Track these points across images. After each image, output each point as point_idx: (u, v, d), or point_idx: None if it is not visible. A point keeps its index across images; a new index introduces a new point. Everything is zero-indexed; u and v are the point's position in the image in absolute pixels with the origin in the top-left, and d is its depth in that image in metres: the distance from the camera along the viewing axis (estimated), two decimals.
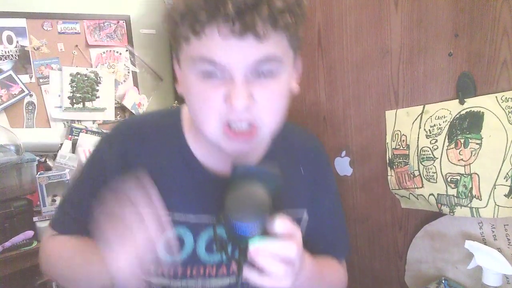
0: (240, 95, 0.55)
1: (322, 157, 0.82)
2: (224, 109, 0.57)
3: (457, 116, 0.94)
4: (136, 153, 0.70)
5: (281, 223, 0.55)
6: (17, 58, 1.83)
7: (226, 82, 0.56)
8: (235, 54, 0.54)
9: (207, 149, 0.69)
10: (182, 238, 0.69)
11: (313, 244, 0.75)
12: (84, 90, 2.00)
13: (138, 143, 0.71)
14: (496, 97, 0.88)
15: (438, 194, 1.00)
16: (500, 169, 0.88)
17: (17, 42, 1.83)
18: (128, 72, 2.16)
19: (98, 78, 2.04)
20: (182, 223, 0.68)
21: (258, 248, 0.53)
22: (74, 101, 1.98)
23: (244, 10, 0.51)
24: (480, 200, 0.91)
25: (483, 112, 0.90)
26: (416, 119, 1.04)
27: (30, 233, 1.46)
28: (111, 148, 0.72)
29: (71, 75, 1.97)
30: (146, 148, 0.71)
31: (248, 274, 0.55)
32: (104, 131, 1.97)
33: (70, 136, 1.92)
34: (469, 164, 0.92)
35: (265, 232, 0.55)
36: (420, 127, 1.02)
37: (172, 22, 0.58)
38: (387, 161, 1.14)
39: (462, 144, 0.93)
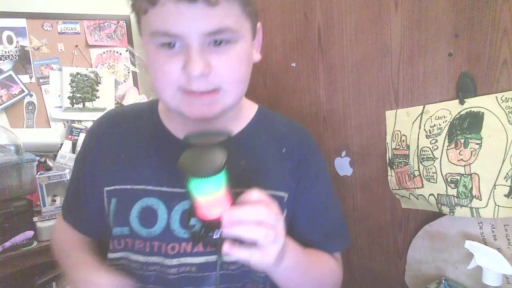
0: (196, 62, 0.56)
1: (309, 143, 0.81)
2: (181, 79, 0.59)
3: (457, 116, 0.94)
4: (112, 137, 0.75)
5: (253, 193, 0.54)
6: (17, 58, 1.83)
7: (182, 52, 0.58)
8: (187, 21, 0.55)
9: (180, 123, 0.71)
10: (156, 210, 0.69)
11: (302, 236, 0.75)
12: (84, 90, 2.00)
13: (115, 128, 0.76)
14: (496, 97, 0.88)
15: (438, 194, 1.00)
16: (500, 169, 0.88)
17: (17, 42, 1.83)
18: (128, 72, 2.16)
19: (98, 78, 2.04)
20: (155, 195, 0.69)
21: (229, 213, 0.51)
22: (74, 101, 1.98)
23: None
24: (480, 200, 0.91)
25: (483, 112, 0.90)
26: (416, 119, 1.04)
27: (30, 233, 1.47)
28: (91, 137, 0.79)
29: (71, 75, 1.97)
30: (123, 131, 0.76)
31: (230, 249, 0.52)
32: None
33: (70, 136, 1.92)
34: (469, 164, 0.92)
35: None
36: (420, 127, 1.02)
37: None
38: (387, 161, 1.14)
39: (462, 144, 0.93)
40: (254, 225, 0.52)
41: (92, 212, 0.76)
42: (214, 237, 0.54)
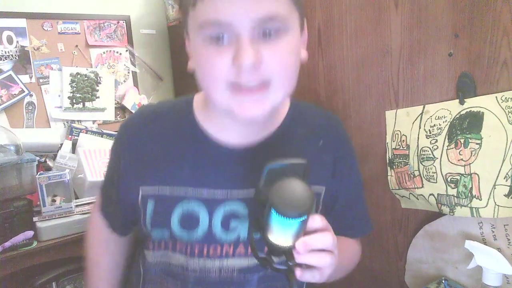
0: (247, 52, 0.54)
1: (343, 135, 0.81)
2: (232, 73, 0.56)
3: (457, 116, 0.94)
4: (148, 135, 0.73)
5: (317, 218, 0.56)
6: (17, 58, 1.83)
7: (232, 44, 0.56)
8: (238, 10, 0.54)
9: (219, 124, 0.69)
10: (197, 214, 0.69)
11: (333, 221, 0.75)
12: (84, 90, 2.00)
13: (150, 126, 0.74)
14: (496, 97, 0.88)
15: (438, 194, 1.00)
16: (500, 169, 0.88)
17: (17, 42, 1.83)
18: (128, 72, 2.16)
19: (98, 78, 2.04)
20: (196, 198, 0.69)
21: (304, 243, 0.53)
22: (74, 101, 1.98)
23: None
24: (480, 200, 0.91)
25: (483, 112, 0.90)
26: (416, 119, 1.04)
27: (30, 233, 1.46)
28: (124, 133, 0.77)
29: (71, 75, 1.97)
30: (158, 129, 0.73)
31: (301, 275, 0.55)
32: (104, 131, 1.97)
33: (70, 136, 1.92)
34: (469, 164, 0.93)
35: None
36: (420, 127, 1.02)
37: None
38: (387, 161, 1.14)
39: (462, 144, 0.93)
40: (322, 253, 0.55)
41: (127, 207, 0.76)
42: (287, 264, 0.56)
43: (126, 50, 2.14)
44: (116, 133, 0.80)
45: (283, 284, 0.74)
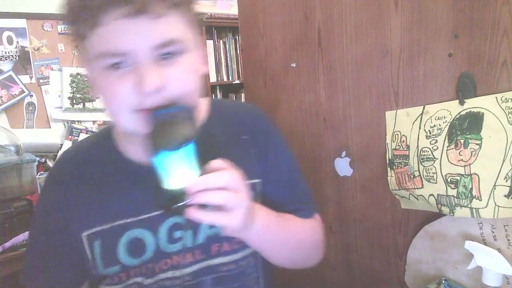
0: (149, 78, 0.55)
1: (265, 123, 0.82)
2: (135, 98, 0.57)
3: (457, 116, 0.94)
4: (77, 179, 0.72)
5: (213, 163, 0.57)
6: (17, 58, 1.84)
7: (132, 70, 0.56)
8: (133, 37, 0.54)
9: (138, 145, 0.68)
10: (142, 239, 0.70)
11: (276, 208, 0.75)
12: (84, 91, 2.01)
13: (77, 170, 0.73)
14: (496, 97, 0.88)
15: (438, 194, 1.00)
16: (500, 169, 0.88)
17: (17, 42, 1.83)
18: None
19: None
20: (138, 225, 0.69)
21: (194, 181, 0.54)
22: (74, 101, 1.98)
23: None
24: (480, 200, 0.91)
25: (483, 113, 0.89)
26: (416, 120, 1.04)
27: None
28: (52, 187, 0.75)
29: (71, 75, 1.97)
30: (82, 170, 0.73)
31: (195, 213, 0.54)
32: None
33: (70, 136, 1.93)
34: (469, 164, 0.92)
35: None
36: (420, 128, 1.02)
37: (70, 22, 0.60)
38: (387, 162, 1.13)
39: (462, 145, 0.93)
40: (218, 191, 0.54)
41: (70, 258, 0.73)
42: (179, 204, 0.55)
43: None
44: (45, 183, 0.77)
45: (240, 284, 0.75)
